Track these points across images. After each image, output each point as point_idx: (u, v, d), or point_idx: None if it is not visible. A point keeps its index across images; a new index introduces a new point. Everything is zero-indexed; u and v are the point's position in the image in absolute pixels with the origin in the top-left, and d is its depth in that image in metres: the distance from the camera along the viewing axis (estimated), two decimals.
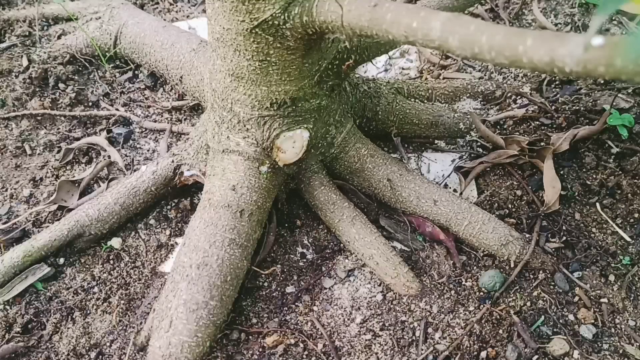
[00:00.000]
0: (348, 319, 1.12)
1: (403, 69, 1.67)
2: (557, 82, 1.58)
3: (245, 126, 1.10)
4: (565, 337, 1.08)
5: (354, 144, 1.24)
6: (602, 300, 1.14)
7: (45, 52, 1.67)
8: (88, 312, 1.14)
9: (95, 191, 1.34)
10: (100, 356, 1.08)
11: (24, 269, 1.17)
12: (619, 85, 1.53)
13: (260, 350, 1.08)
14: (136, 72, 1.68)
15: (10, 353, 1.07)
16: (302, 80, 0.98)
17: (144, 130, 1.53)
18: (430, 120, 1.39)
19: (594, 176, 1.33)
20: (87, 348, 1.09)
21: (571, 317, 1.12)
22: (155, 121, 1.55)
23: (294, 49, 0.89)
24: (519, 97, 1.53)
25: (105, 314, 1.13)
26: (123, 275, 1.19)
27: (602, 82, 1.56)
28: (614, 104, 1.44)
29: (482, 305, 1.12)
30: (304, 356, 1.07)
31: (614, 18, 1.71)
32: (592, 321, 1.11)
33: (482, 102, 1.52)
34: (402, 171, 1.24)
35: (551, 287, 1.16)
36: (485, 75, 1.62)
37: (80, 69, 1.67)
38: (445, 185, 1.35)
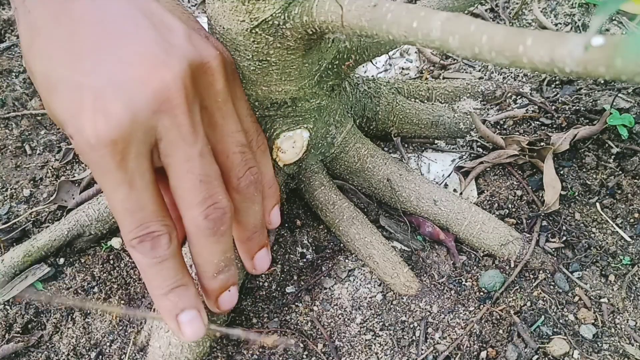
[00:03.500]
0: (348, 319, 1.12)
1: (403, 69, 1.67)
2: (557, 82, 1.58)
3: None
4: (565, 337, 1.08)
5: (354, 144, 1.24)
6: (602, 300, 1.14)
7: None
8: (88, 312, 1.14)
9: (94, 188, 1.34)
10: (100, 356, 1.08)
11: (24, 269, 1.17)
12: (619, 85, 1.53)
13: (260, 350, 1.08)
14: None
15: (10, 353, 1.07)
16: (302, 80, 0.98)
17: None
18: (430, 120, 1.39)
19: (594, 176, 1.33)
20: (87, 348, 1.09)
21: (571, 317, 1.12)
22: None
23: (294, 49, 0.89)
24: (519, 97, 1.53)
25: (105, 314, 1.13)
26: (123, 275, 1.19)
27: (602, 82, 1.56)
28: (614, 104, 1.44)
29: (482, 305, 1.12)
30: (304, 356, 1.07)
31: (614, 18, 1.71)
32: (592, 321, 1.11)
33: (482, 102, 1.52)
34: (402, 171, 1.24)
35: (551, 287, 1.16)
36: (485, 75, 1.62)
37: None
38: (445, 185, 1.35)
